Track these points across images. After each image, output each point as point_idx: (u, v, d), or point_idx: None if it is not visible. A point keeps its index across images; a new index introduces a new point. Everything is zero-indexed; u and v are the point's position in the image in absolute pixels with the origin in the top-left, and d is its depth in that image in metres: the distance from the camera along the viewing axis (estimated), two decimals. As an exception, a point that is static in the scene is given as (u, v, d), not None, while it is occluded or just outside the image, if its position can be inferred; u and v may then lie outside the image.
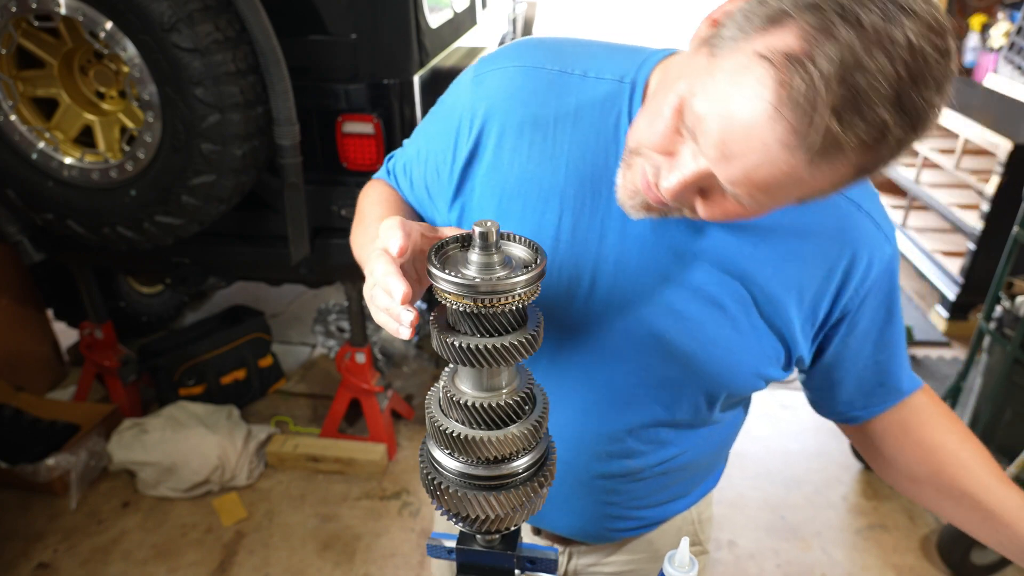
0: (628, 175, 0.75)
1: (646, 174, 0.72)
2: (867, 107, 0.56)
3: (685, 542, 0.76)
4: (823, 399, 1.02)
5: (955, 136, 3.75)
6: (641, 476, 0.98)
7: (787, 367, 0.92)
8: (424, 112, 2.33)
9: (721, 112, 0.61)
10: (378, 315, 0.70)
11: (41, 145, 2.05)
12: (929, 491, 0.98)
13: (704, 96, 0.62)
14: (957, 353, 3.56)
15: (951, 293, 3.62)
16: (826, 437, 2.99)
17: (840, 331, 0.90)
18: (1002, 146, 3.27)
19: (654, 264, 0.85)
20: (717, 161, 0.63)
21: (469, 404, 0.67)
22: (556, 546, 1.09)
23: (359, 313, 2.66)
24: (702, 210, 0.71)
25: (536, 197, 0.86)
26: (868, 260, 0.86)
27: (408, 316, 0.65)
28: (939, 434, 0.97)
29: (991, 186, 3.35)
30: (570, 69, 0.86)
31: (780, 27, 0.58)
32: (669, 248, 0.84)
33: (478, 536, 0.75)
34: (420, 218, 1.00)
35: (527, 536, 1.12)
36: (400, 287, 0.65)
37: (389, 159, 1.06)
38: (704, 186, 0.68)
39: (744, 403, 1.05)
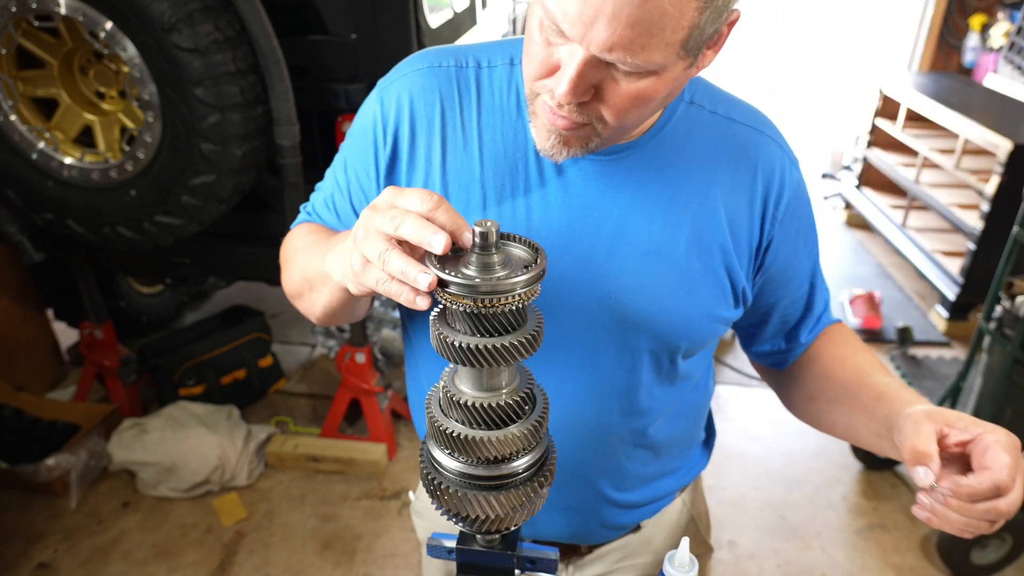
0: (536, 121, 0.79)
1: (547, 106, 0.75)
2: None
3: (685, 542, 0.76)
4: (752, 336, 1.06)
5: (955, 136, 3.75)
6: (623, 451, 0.98)
7: (736, 303, 0.93)
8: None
9: None
10: (388, 284, 0.66)
11: (41, 145, 2.06)
12: (822, 403, 1.00)
13: None
14: (957, 353, 3.56)
15: (951, 293, 3.62)
16: (826, 437, 2.99)
17: (767, 259, 0.92)
18: (1002, 146, 3.27)
19: (584, 228, 0.86)
20: (583, 34, 0.65)
21: (469, 404, 0.67)
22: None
23: (359, 313, 2.66)
24: (608, 112, 0.73)
25: (458, 187, 0.88)
26: (780, 183, 0.89)
27: (426, 278, 0.62)
28: (840, 348, 1.00)
29: (991, 186, 3.35)
30: (464, 63, 0.90)
31: None
32: (593, 207, 0.86)
33: (478, 536, 0.75)
34: None
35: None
36: (441, 238, 0.62)
37: (303, 207, 1.06)
38: (596, 81, 0.71)
39: (706, 361, 1.05)
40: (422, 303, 0.65)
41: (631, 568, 1.12)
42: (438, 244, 0.62)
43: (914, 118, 4.18)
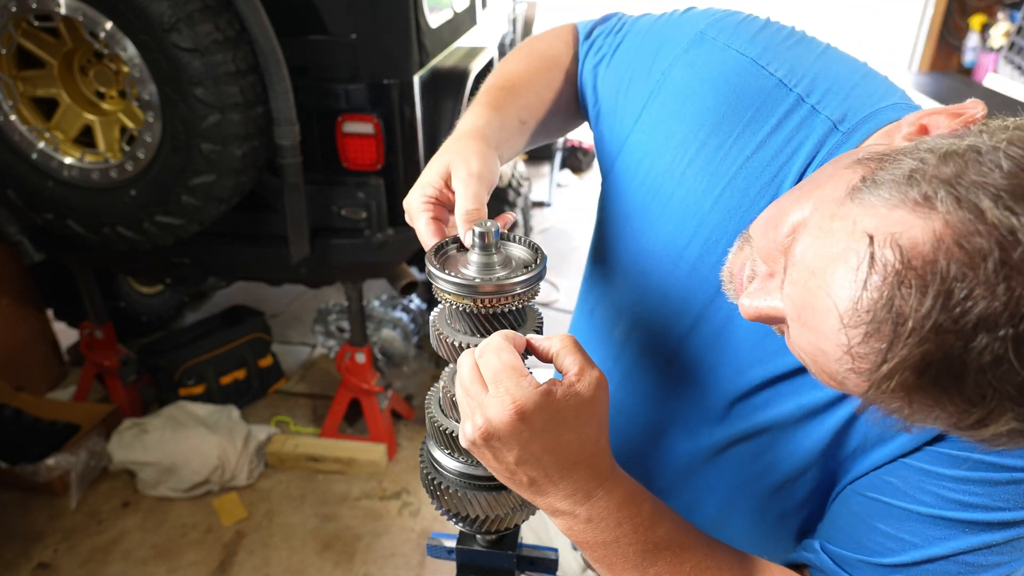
0: (735, 256, 0.65)
1: (743, 269, 0.62)
2: (970, 379, 0.42)
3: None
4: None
5: (955, 136, 3.74)
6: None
7: None
8: (424, 112, 2.33)
9: (815, 270, 0.49)
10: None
11: (41, 145, 2.05)
12: None
13: (811, 238, 0.50)
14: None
15: (951, 293, 3.62)
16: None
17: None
18: (1002, 146, 3.26)
19: (762, 346, 0.74)
20: (792, 316, 0.53)
21: (469, 404, 0.67)
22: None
23: (359, 313, 2.66)
24: (787, 336, 0.58)
25: (679, 204, 0.76)
26: None
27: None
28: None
29: (991, 186, 3.34)
30: (792, 83, 0.72)
31: (927, 211, 0.44)
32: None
33: (478, 536, 0.75)
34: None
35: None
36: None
37: (599, 25, 0.92)
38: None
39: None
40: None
41: None
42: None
43: (914, 118, 4.17)
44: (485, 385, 0.59)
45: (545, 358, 0.64)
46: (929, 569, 0.64)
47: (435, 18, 2.47)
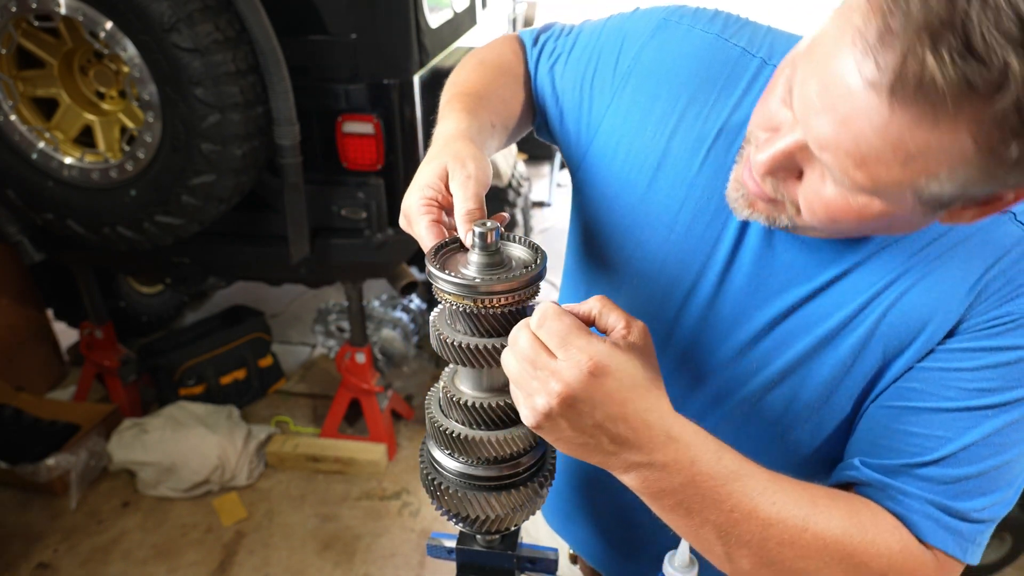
0: (737, 166, 0.71)
1: (749, 159, 0.66)
2: (974, 34, 0.46)
3: (685, 543, 0.76)
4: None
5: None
6: None
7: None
8: (424, 112, 2.33)
9: (816, 65, 0.55)
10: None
11: (41, 145, 2.05)
12: None
13: (808, 58, 0.57)
14: (957, 353, 3.56)
15: (951, 293, 3.62)
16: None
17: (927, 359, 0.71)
18: (1002, 146, 3.27)
19: (763, 287, 0.77)
20: (805, 117, 0.57)
21: (469, 404, 0.67)
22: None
23: (359, 313, 2.66)
24: (803, 204, 0.63)
25: (667, 177, 0.81)
26: (1018, 289, 0.68)
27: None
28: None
29: (991, 186, 3.35)
30: (754, 49, 0.80)
31: None
32: (784, 272, 0.76)
33: (478, 536, 0.75)
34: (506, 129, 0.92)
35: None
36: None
37: (544, 33, 0.96)
38: (802, 166, 0.61)
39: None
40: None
41: None
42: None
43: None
44: (550, 353, 0.59)
45: (588, 321, 0.65)
46: (963, 457, 0.68)
47: (435, 18, 2.47)
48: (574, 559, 1.09)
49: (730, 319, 0.80)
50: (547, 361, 0.58)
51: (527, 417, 0.61)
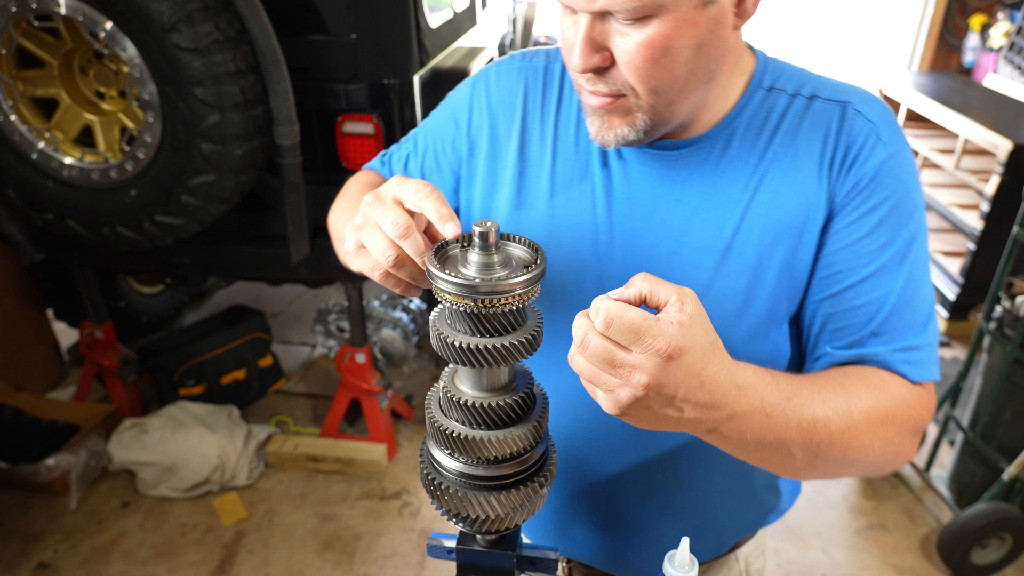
0: (584, 112, 0.81)
1: (583, 89, 0.78)
2: None
3: (685, 542, 0.76)
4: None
5: (955, 136, 3.75)
6: (661, 471, 0.93)
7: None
8: (424, 112, 2.33)
9: None
10: (375, 272, 0.73)
11: (41, 145, 2.05)
12: None
13: None
14: (957, 353, 3.56)
15: (951, 293, 3.62)
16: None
17: (827, 241, 0.82)
18: (1002, 146, 3.27)
19: (648, 225, 0.86)
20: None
21: (469, 404, 0.67)
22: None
23: (359, 313, 2.66)
24: (631, 74, 0.73)
25: (529, 177, 0.91)
26: (856, 154, 0.80)
27: (453, 229, 0.68)
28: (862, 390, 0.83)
29: (991, 186, 3.35)
30: (554, 59, 0.95)
31: None
32: (660, 204, 0.85)
33: (478, 536, 0.75)
34: None
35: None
36: (447, 211, 0.69)
37: (381, 154, 1.09)
38: (605, 42, 0.72)
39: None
40: (414, 293, 0.72)
41: None
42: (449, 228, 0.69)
43: (914, 118, 4.18)
44: (624, 347, 0.61)
45: (640, 302, 0.66)
46: (900, 304, 0.81)
47: (435, 18, 2.47)
48: (568, 569, 1.08)
49: (639, 260, 0.86)
50: (625, 358, 0.60)
51: (611, 409, 0.63)
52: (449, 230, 0.67)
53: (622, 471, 0.94)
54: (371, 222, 0.70)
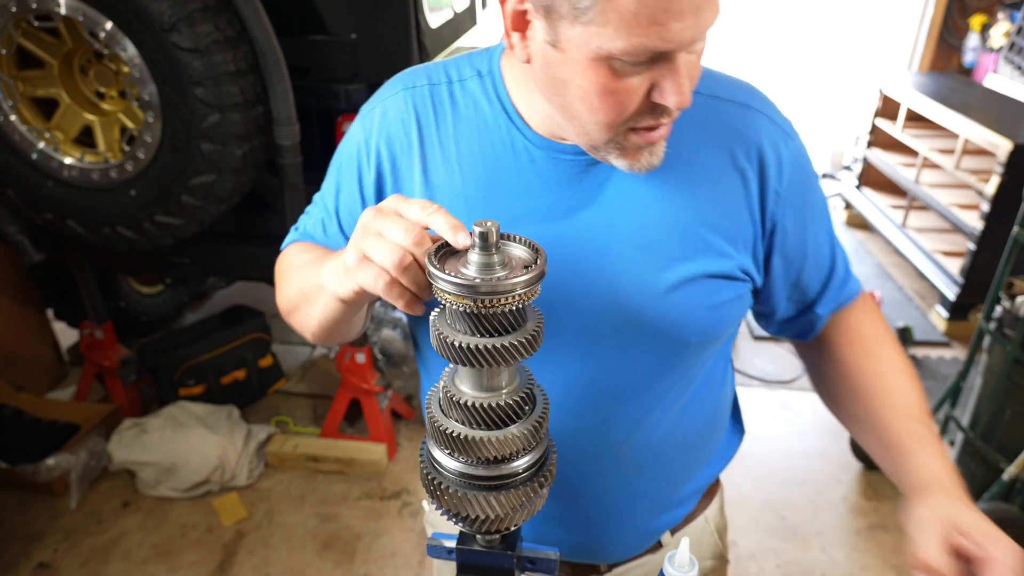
0: (626, 151, 0.78)
1: (646, 130, 0.76)
2: None
3: (685, 542, 0.76)
4: (767, 315, 1.04)
5: (955, 136, 3.75)
6: (629, 455, 0.96)
7: (743, 290, 0.92)
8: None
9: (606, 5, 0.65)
10: (379, 280, 0.69)
11: (41, 145, 2.06)
12: (843, 414, 1.04)
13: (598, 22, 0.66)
14: (957, 353, 3.56)
15: (951, 293, 3.62)
16: (826, 437, 2.99)
17: (776, 240, 0.91)
18: (1002, 146, 3.27)
19: (570, 227, 0.86)
20: (651, 26, 0.65)
21: (469, 404, 0.67)
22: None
23: (359, 313, 2.66)
24: (673, 98, 0.72)
25: (441, 201, 0.88)
26: (777, 160, 0.87)
27: (465, 239, 0.66)
28: (861, 341, 1.01)
29: (991, 186, 3.35)
30: (437, 80, 0.91)
31: None
32: (580, 206, 0.86)
33: (478, 536, 0.75)
34: None
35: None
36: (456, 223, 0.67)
37: (294, 228, 1.08)
38: (656, 79, 0.72)
39: (721, 356, 1.03)
40: (417, 308, 0.70)
41: None
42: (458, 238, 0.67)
43: (914, 118, 4.18)
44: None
45: (967, 554, 0.78)
46: (836, 248, 1.01)
47: (435, 18, 2.47)
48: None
49: (566, 278, 0.87)
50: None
51: None
52: (461, 239, 0.66)
53: (591, 469, 0.97)
54: (376, 232, 0.69)
